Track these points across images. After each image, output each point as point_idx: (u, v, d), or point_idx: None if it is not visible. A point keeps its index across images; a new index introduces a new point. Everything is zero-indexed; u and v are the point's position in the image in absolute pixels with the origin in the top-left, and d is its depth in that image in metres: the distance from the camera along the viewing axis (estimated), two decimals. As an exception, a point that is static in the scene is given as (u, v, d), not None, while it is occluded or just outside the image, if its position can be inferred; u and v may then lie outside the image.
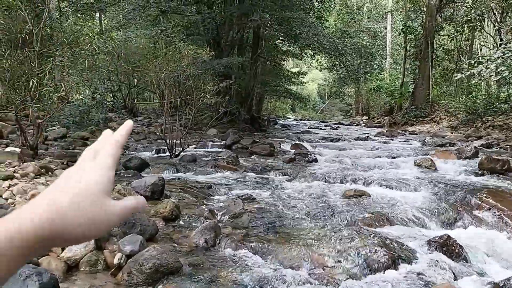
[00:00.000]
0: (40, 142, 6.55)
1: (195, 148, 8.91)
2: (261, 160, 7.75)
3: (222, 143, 9.83)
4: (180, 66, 8.16)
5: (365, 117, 29.86)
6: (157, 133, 10.83)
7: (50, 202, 0.44)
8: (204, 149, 9.04)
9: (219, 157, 7.41)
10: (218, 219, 3.83)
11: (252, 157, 8.09)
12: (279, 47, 19.68)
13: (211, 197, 4.77)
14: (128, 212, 0.50)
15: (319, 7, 18.15)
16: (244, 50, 16.49)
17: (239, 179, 5.83)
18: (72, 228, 0.44)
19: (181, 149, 7.66)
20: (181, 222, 3.70)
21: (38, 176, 4.61)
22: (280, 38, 17.50)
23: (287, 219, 3.95)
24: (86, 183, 0.47)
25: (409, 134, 16.54)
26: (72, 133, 9.41)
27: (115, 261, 2.71)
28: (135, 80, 14.39)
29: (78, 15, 12.60)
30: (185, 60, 8.36)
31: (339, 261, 2.78)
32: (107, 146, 0.52)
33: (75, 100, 8.63)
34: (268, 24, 13.80)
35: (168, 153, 7.67)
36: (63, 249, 2.73)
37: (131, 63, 13.50)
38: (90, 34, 9.10)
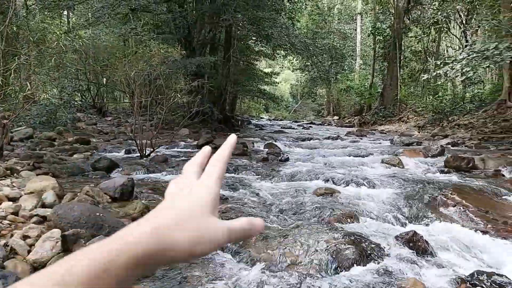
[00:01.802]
0: (6, 143, 6.33)
1: (166, 148, 8.82)
2: (234, 159, 7.74)
3: (194, 143, 9.77)
4: (150, 65, 8.06)
5: (336, 117, 30.31)
6: (127, 133, 10.67)
7: (148, 222, 0.43)
8: (175, 149, 8.96)
9: (191, 157, 7.32)
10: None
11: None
12: (252, 47, 19.72)
13: (183, 197, 4.73)
14: (237, 234, 0.48)
15: (290, 8, 18.27)
16: (217, 49, 16.43)
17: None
18: (178, 245, 0.43)
19: (151, 149, 7.56)
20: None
21: (3, 178, 4.46)
22: (253, 38, 17.54)
23: (259, 217, 3.96)
24: (194, 201, 0.46)
25: (378, 133, 16.90)
26: (39, 133, 9.14)
27: (83, 263, 2.65)
28: (104, 79, 14.13)
29: (45, 13, 12.24)
30: (155, 59, 8.26)
31: (309, 258, 2.82)
32: (212, 161, 0.52)
33: (41, 99, 8.37)
34: (240, 24, 13.82)
35: (138, 154, 7.56)
36: (29, 252, 2.66)
37: (100, 62, 13.24)
38: (58, 32, 8.87)
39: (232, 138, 0.56)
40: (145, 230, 0.42)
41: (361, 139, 13.36)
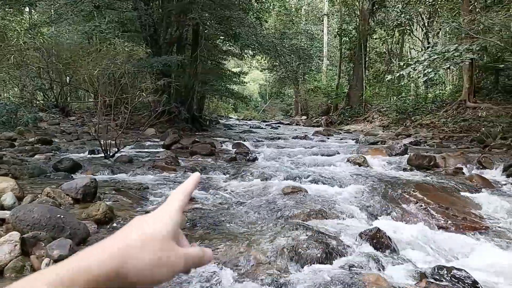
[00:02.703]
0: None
1: (131, 148, 8.65)
2: (202, 159, 7.68)
3: (160, 143, 9.62)
4: (114, 63, 7.88)
5: (304, 117, 30.58)
6: (91, 133, 10.38)
7: (114, 243, 0.46)
8: (141, 150, 8.80)
9: (157, 158, 7.26)
10: (154, 220, 3.74)
11: (192, 157, 7.99)
12: (220, 46, 19.63)
13: (148, 198, 4.65)
14: (194, 262, 0.51)
15: (258, 8, 18.31)
16: (184, 48, 16.25)
17: (178, 180, 5.73)
18: (140, 269, 0.45)
19: (116, 149, 7.40)
20: (115, 225, 3.57)
21: (-43, 180, 4.24)
22: (221, 37, 17.46)
23: (227, 218, 3.94)
24: (157, 227, 0.49)
25: (344, 133, 17.19)
26: (-2, 133, 8.78)
27: (43, 266, 2.59)
28: (68, 78, 13.72)
29: (6, 9, 11.75)
30: (120, 57, 8.08)
31: (275, 257, 2.82)
32: (173, 195, 0.55)
33: (1, 98, 8.05)
34: (208, 23, 13.71)
35: (102, 154, 7.37)
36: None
37: (63, 60, 12.85)
38: (18, 29, 8.55)
39: (195, 175, 0.59)
40: (111, 251, 0.45)
41: (328, 138, 13.56)
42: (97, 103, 7.95)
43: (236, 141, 10.52)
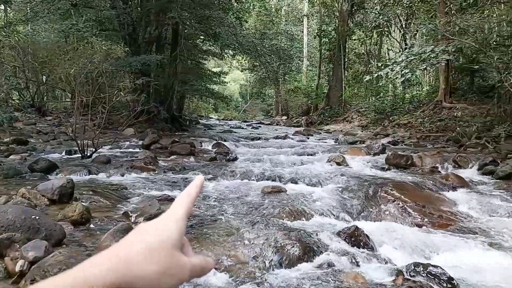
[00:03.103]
0: None
1: (109, 148, 8.53)
2: (181, 160, 7.62)
3: (139, 143, 9.51)
4: (92, 62, 7.75)
5: (284, 117, 30.68)
6: (68, 134, 10.20)
7: (116, 253, 0.44)
8: (119, 150, 8.68)
9: (136, 158, 7.18)
10: (132, 221, 3.69)
11: (172, 157, 7.92)
12: (200, 46, 19.53)
13: (126, 199, 4.59)
14: (197, 272, 0.50)
15: (238, 8, 18.30)
16: (163, 47, 16.10)
17: (157, 180, 5.67)
18: (141, 278, 0.43)
19: (93, 150, 7.28)
20: (92, 226, 3.51)
21: None
22: (201, 37, 17.37)
23: (207, 218, 3.92)
24: (162, 236, 0.47)
25: (324, 132, 17.32)
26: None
27: (17, 268, 2.52)
28: (44, 77, 13.46)
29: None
30: (97, 56, 7.95)
31: (255, 256, 2.82)
32: (178, 200, 0.54)
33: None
34: (188, 22, 13.62)
35: (79, 154, 7.25)
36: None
37: (39, 59, 12.58)
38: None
39: (199, 179, 0.57)
40: (114, 262, 0.43)
41: (308, 138, 13.64)
42: (74, 103, 7.80)
43: (216, 141, 10.49)
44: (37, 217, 3.05)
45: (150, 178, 5.83)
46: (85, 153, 7.17)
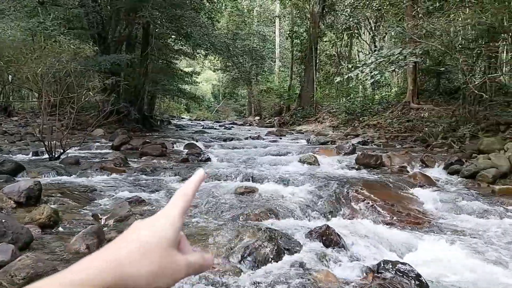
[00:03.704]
0: None
1: (78, 149, 8.32)
2: (153, 161, 7.52)
3: (109, 144, 9.33)
4: (60, 61, 7.55)
5: (257, 118, 30.75)
6: (35, 134, 9.90)
7: (109, 253, 0.44)
8: (89, 151, 8.49)
9: (105, 159, 7.03)
10: (102, 223, 3.62)
11: (142, 158, 7.80)
12: (171, 46, 19.32)
13: (96, 201, 4.50)
14: (195, 269, 0.49)
15: (210, 8, 18.23)
16: (134, 47, 15.86)
17: (127, 181, 5.58)
18: (135, 278, 0.42)
19: (62, 151, 7.09)
20: (60, 229, 3.43)
21: None
22: (172, 36, 17.20)
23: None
24: (157, 234, 0.46)
25: (296, 133, 17.46)
26: None
27: (-18, 273, 2.42)
28: (10, 76, 13.04)
29: None
30: (65, 55, 7.75)
31: (227, 257, 2.82)
32: (177, 194, 0.52)
33: None
34: (159, 22, 13.45)
35: (47, 156, 7.05)
36: None
37: (4, 58, 12.17)
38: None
39: (199, 173, 0.56)
40: (106, 262, 0.42)
41: (281, 138, 13.72)
42: (41, 103, 7.57)
43: (188, 142, 10.40)
44: (3, 220, 2.97)
45: (120, 179, 5.73)
46: (53, 154, 6.98)
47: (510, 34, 10.58)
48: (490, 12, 8.85)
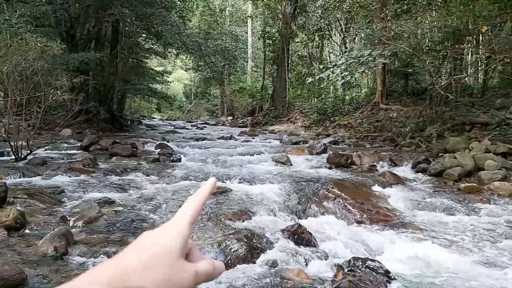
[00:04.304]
0: None
1: (46, 150, 8.09)
2: (123, 161, 7.40)
3: (78, 144, 9.11)
4: (26, 59, 7.32)
5: (230, 118, 30.69)
6: (1, 134, 9.56)
7: (115, 263, 0.43)
8: (56, 151, 8.26)
9: (74, 159, 6.87)
10: (71, 225, 3.54)
11: (112, 158, 7.66)
12: (142, 44, 19.05)
13: (64, 202, 4.39)
14: (203, 278, 0.49)
15: (181, 7, 18.06)
16: (103, 45, 15.53)
17: (96, 182, 5.47)
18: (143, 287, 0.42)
19: (28, 151, 6.88)
20: (27, 231, 3.33)
21: None
22: (143, 35, 16.96)
23: (149, 220, 3.85)
24: (164, 244, 0.46)
25: (269, 133, 17.54)
26: None
27: None
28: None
29: None
30: (32, 53, 7.52)
31: (199, 257, 2.80)
32: (187, 203, 0.52)
33: None
34: (128, 20, 13.22)
35: (13, 156, 6.82)
36: None
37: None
38: None
39: (210, 182, 0.56)
40: (114, 273, 0.42)
41: (253, 138, 13.75)
42: (7, 102, 7.33)
43: (160, 142, 10.28)
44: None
45: (89, 180, 5.60)
46: (19, 155, 6.76)
47: (475, 36, 10.98)
48: (456, 15, 9.14)
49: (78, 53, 12.29)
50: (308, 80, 11.43)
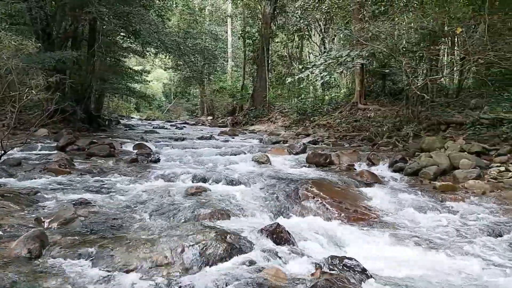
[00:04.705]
0: None
1: (20, 150, 7.91)
2: (100, 161, 7.28)
3: (54, 145, 8.93)
4: (0, 58, 7.14)
5: (210, 117, 30.59)
6: (-28, 135, 9.30)
7: None
8: (32, 152, 8.08)
9: (50, 160, 6.73)
10: (45, 227, 3.47)
11: (90, 159, 7.54)
12: (120, 43, 18.79)
13: (39, 203, 4.30)
14: None
15: (160, 5, 17.89)
16: (80, 44, 15.26)
17: (73, 183, 5.37)
18: None
19: (2, 151, 6.71)
20: (0, 233, 3.25)
21: None
22: (122, 34, 16.73)
23: (126, 221, 3.80)
24: None
25: (249, 133, 17.55)
26: None
27: None
28: None
29: None
30: (6, 51, 7.34)
31: (176, 258, 2.79)
32: None
33: None
34: (106, 18, 13.03)
35: (-15, 157, 6.64)
36: None
37: None
38: None
39: None
40: None
41: (233, 138, 13.73)
42: (-23, 101, 7.13)
43: (138, 142, 10.17)
44: None
45: (65, 181, 5.50)
46: (-8, 155, 6.58)
47: (450, 38, 11.22)
48: (431, 17, 9.33)
49: (54, 51, 12.04)
50: (287, 80, 11.46)
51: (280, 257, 2.95)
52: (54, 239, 3.09)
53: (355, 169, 7.04)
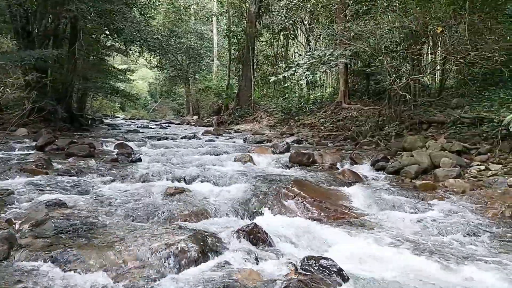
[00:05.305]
0: None
1: (-2, 150, 7.74)
2: (79, 162, 7.14)
3: (33, 144, 8.76)
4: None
5: (195, 117, 30.42)
6: None
7: None
8: (9, 152, 7.91)
9: (27, 160, 6.58)
10: (16, 228, 3.37)
11: (69, 159, 7.39)
12: (103, 42, 18.55)
13: (13, 205, 4.18)
14: None
15: (143, 3, 17.71)
16: (61, 42, 15.01)
17: (49, 184, 5.24)
18: None
19: (-23, 152, 6.55)
20: (-31, 236, 3.14)
21: None
22: (105, 32, 16.51)
23: (102, 223, 3.72)
24: None
25: (234, 132, 17.48)
26: None
27: None
28: None
29: None
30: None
31: (151, 260, 2.73)
32: None
33: None
34: (88, 16, 12.83)
35: (-41, 158, 6.48)
36: None
37: None
38: None
39: None
40: None
41: (218, 138, 13.66)
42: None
43: (119, 141, 10.03)
44: None
45: (42, 181, 5.37)
46: (-35, 156, 6.42)
47: (431, 37, 11.32)
48: (413, 16, 9.39)
49: (34, 49, 11.82)
50: (271, 79, 11.44)
51: (256, 258, 2.91)
52: (24, 241, 3.01)
53: (338, 168, 7.05)
